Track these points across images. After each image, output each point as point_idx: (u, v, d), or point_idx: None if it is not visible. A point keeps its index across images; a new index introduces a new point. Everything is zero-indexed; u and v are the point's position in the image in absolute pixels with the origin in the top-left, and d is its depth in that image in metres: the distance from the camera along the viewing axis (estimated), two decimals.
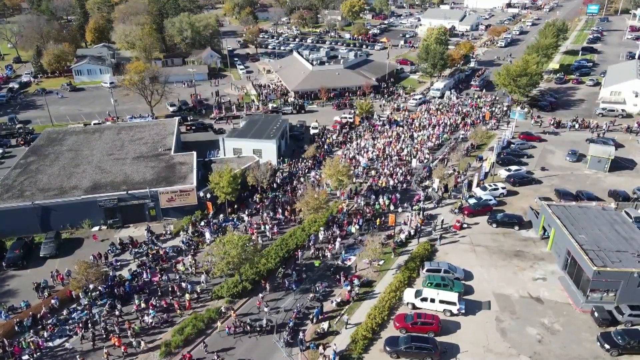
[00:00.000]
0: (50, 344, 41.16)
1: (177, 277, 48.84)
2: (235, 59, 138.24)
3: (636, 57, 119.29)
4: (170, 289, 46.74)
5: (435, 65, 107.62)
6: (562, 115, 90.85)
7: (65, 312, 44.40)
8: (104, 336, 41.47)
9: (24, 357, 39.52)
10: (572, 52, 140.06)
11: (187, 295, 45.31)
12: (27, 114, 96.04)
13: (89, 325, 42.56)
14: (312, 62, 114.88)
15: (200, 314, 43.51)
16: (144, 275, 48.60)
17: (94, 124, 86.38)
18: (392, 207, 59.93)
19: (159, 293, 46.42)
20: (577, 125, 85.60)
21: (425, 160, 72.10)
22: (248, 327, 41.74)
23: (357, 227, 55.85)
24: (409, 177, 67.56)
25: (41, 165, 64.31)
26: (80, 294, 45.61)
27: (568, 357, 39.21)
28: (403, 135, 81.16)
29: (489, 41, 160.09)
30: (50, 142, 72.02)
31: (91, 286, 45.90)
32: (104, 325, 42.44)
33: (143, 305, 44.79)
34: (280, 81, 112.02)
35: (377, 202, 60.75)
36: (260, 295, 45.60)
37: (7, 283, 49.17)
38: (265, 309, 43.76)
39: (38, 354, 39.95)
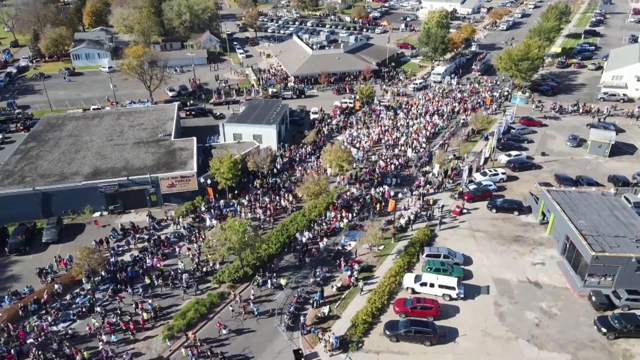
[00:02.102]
0: (54, 328, 41.72)
1: (141, 291, 45.23)
2: (235, 42, 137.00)
3: (639, 40, 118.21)
4: (134, 304, 43.43)
5: (436, 49, 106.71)
6: (563, 100, 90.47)
7: (68, 296, 44.88)
8: None
9: (28, 341, 40.08)
10: (574, 36, 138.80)
11: (144, 314, 42.05)
12: (26, 99, 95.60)
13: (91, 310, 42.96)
14: (312, 46, 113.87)
15: (202, 299, 43.99)
16: (147, 261, 48.98)
17: (93, 109, 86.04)
18: (391, 194, 60.03)
19: (119, 311, 42.75)
20: (580, 110, 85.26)
21: (422, 150, 71.17)
22: (209, 353, 38.39)
23: (346, 221, 54.89)
24: (406, 171, 66.21)
25: (41, 151, 64.25)
26: (83, 279, 46.06)
27: (565, 341, 39.79)
28: (399, 123, 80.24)
29: (491, 24, 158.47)
30: (49, 127, 71.83)
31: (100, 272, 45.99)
32: (56, 346, 39.46)
33: (97, 325, 41.25)
34: (280, 66, 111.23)
35: (366, 197, 59.20)
36: (231, 308, 43.03)
37: (10, 268, 49.60)
38: (224, 331, 40.38)
39: (42, 337, 40.49)
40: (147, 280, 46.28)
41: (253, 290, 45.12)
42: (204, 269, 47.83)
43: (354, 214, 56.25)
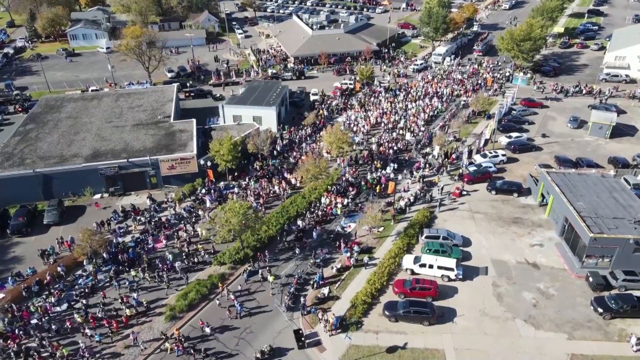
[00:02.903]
0: (57, 308, 42.26)
1: (127, 284, 44.43)
2: (234, 22, 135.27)
3: None
4: (120, 299, 42.34)
5: (437, 29, 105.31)
6: (565, 81, 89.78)
7: (70, 278, 45.32)
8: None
9: (32, 321, 40.69)
10: (577, 15, 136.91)
11: (127, 310, 40.80)
12: (24, 80, 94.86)
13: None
14: (311, 26, 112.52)
15: (203, 280, 44.41)
16: (148, 242, 49.30)
17: (92, 90, 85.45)
18: (390, 175, 59.99)
19: (102, 306, 41.64)
20: (583, 91, 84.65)
21: (420, 133, 70.64)
22: (192, 351, 37.50)
23: (340, 206, 54.47)
24: (405, 155, 65.59)
25: (40, 133, 64.07)
26: (84, 260, 46.44)
27: (562, 321, 40.31)
28: (398, 106, 79.37)
29: (493, 3, 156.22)
30: (48, 109, 71.44)
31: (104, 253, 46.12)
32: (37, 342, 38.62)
33: (79, 320, 40.28)
34: (280, 46, 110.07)
35: (362, 183, 58.79)
36: (217, 302, 42.22)
37: (12, 250, 50.00)
38: (207, 329, 39.27)
39: (46, 317, 41.06)
40: (133, 273, 45.36)
41: (240, 285, 44.12)
42: (195, 259, 47.20)
43: (350, 200, 55.91)
